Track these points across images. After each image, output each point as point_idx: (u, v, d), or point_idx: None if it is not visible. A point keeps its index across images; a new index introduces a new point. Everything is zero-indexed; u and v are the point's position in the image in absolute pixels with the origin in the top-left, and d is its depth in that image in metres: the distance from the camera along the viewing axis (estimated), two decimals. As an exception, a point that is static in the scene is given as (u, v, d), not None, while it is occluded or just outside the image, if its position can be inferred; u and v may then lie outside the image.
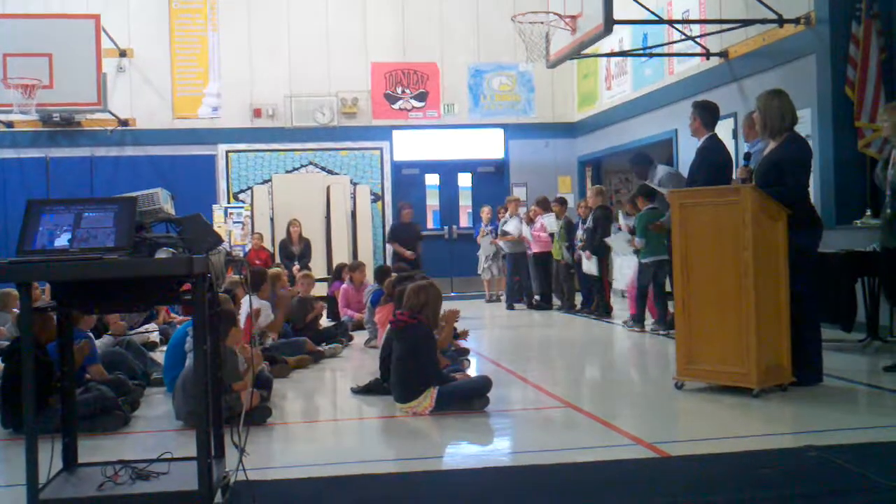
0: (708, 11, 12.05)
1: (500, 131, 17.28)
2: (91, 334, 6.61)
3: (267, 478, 4.32)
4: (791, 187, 6.09)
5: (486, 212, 14.73)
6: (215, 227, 10.36)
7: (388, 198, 16.94)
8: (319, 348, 8.84)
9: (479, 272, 14.81)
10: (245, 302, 7.46)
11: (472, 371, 7.42)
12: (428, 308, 6.15)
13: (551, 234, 12.84)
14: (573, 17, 11.01)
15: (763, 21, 10.27)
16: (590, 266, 11.60)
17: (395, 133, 16.93)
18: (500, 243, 13.82)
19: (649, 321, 10.01)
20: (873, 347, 7.94)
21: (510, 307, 13.51)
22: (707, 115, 7.76)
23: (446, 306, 6.88)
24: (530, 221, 13.45)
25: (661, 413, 5.98)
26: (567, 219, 12.78)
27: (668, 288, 9.38)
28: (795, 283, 6.07)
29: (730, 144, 10.63)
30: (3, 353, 6.21)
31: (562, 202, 13.10)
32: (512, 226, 13.69)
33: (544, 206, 13.28)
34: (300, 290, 10.10)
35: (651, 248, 9.71)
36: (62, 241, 3.52)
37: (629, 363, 8.52)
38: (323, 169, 16.74)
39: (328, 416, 6.58)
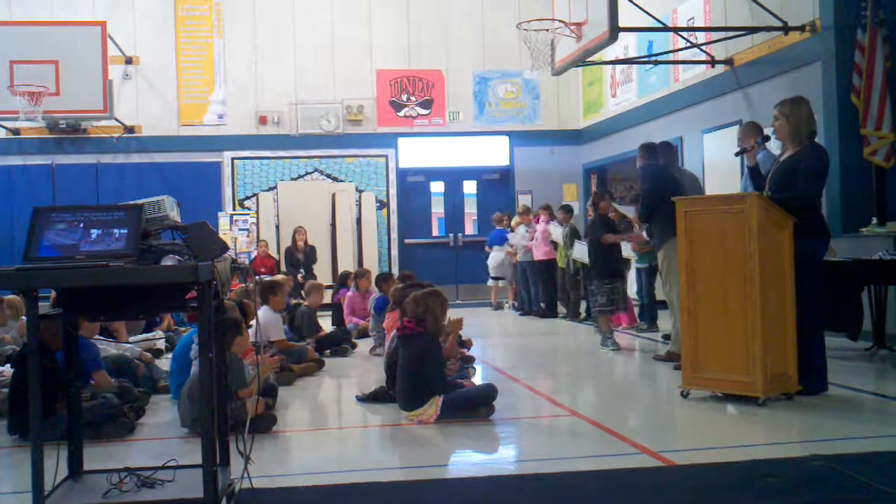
0: (713, 19, 12.06)
1: (505, 138, 17.29)
2: (95, 341, 6.63)
3: (272, 485, 4.32)
4: (803, 193, 6.06)
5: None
6: (221, 235, 10.41)
7: (393, 205, 16.96)
8: (322, 358, 8.88)
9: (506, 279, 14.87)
10: (259, 313, 7.61)
11: (478, 379, 7.41)
12: (429, 315, 6.13)
13: (553, 243, 12.85)
14: (578, 25, 11.03)
15: (768, 28, 10.28)
16: (581, 252, 11.61)
17: (401, 140, 16.96)
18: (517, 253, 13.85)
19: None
20: (879, 356, 7.92)
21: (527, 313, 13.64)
22: (643, 151, 8.58)
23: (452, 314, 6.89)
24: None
25: (666, 422, 5.97)
26: (572, 226, 12.76)
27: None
28: (801, 291, 6.06)
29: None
30: (11, 360, 6.22)
31: (567, 210, 13.08)
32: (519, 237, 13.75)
33: (549, 213, 13.32)
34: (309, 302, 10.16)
35: (647, 254, 10.50)
36: (68, 248, 3.52)
37: (634, 371, 8.50)
38: (328, 176, 16.76)
39: (333, 424, 6.58)
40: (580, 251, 11.73)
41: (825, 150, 6.42)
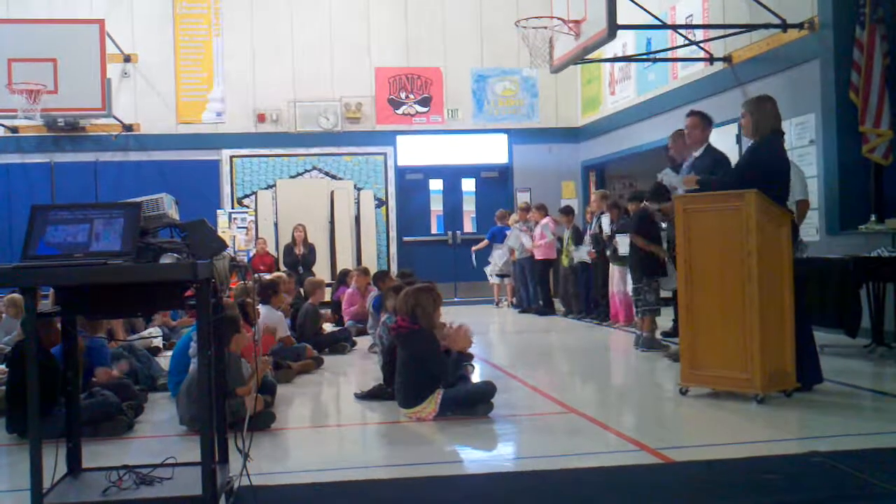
0: (711, 16, 12.05)
1: (504, 136, 17.28)
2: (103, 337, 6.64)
3: (271, 483, 4.32)
4: (728, 180, 6.24)
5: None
6: (220, 233, 10.39)
7: (391, 203, 16.94)
8: (321, 355, 8.88)
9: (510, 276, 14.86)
10: (261, 312, 7.67)
11: (476, 376, 7.41)
12: (419, 309, 6.12)
13: (559, 239, 12.90)
14: (577, 22, 11.02)
15: (767, 26, 10.27)
16: (581, 253, 11.66)
17: (399, 138, 16.94)
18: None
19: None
20: (878, 353, 7.92)
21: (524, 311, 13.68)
22: (704, 119, 8.29)
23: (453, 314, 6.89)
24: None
25: (665, 419, 5.98)
26: (575, 227, 12.79)
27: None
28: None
29: (733, 149, 10.62)
30: (8, 359, 6.22)
31: (568, 211, 13.06)
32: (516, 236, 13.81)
33: (543, 212, 13.39)
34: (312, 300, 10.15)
35: None
36: (67, 246, 3.52)
37: (632, 368, 8.51)
38: (327, 174, 16.74)
39: (332, 422, 6.58)
40: (582, 252, 11.81)
41: (780, 145, 6.38)
